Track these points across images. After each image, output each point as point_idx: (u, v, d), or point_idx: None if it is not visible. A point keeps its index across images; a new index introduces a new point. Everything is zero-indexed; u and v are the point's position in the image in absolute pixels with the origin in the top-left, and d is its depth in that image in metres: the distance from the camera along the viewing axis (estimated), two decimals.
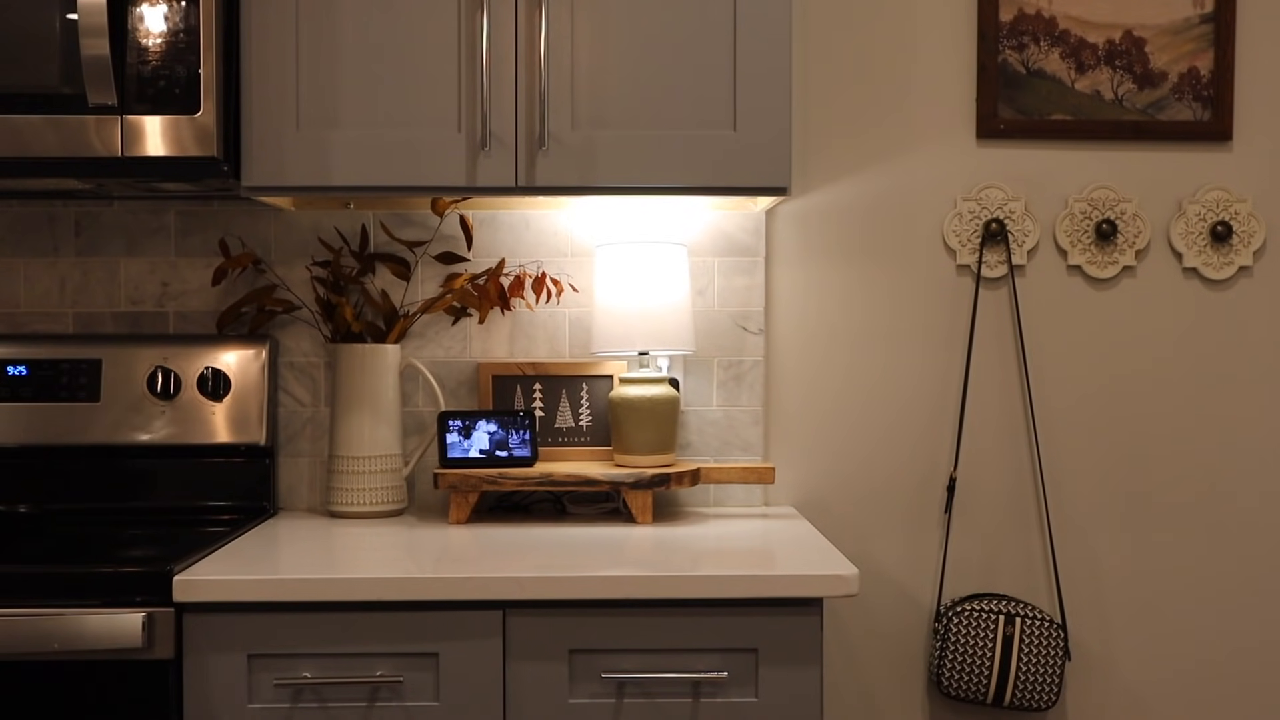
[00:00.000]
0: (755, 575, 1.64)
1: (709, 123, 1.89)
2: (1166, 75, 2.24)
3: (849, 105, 2.24)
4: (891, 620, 2.26)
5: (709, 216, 2.21)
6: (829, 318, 2.26)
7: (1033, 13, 2.22)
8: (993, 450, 2.26)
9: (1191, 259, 2.25)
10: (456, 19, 1.87)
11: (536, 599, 1.62)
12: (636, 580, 1.63)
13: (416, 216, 2.18)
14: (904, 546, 2.26)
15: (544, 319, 2.21)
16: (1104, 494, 2.27)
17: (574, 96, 1.88)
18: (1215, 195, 2.25)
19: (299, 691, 1.61)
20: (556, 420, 2.18)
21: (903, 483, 2.26)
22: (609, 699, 1.64)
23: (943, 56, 2.24)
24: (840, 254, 2.25)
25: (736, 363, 2.22)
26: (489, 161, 1.87)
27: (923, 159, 2.25)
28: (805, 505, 2.25)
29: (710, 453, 2.22)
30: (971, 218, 2.24)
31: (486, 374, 2.17)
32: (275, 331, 2.18)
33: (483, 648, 1.63)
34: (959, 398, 2.25)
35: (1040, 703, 2.13)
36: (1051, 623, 2.14)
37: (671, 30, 1.88)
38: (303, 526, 2.01)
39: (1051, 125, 2.24)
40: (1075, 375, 2.26)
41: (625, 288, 2.05)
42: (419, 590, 1.61)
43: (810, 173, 2.24)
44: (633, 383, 2.06)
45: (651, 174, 1.88)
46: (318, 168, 1.86)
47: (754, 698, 1.64)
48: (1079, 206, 2.24)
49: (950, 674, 2.14)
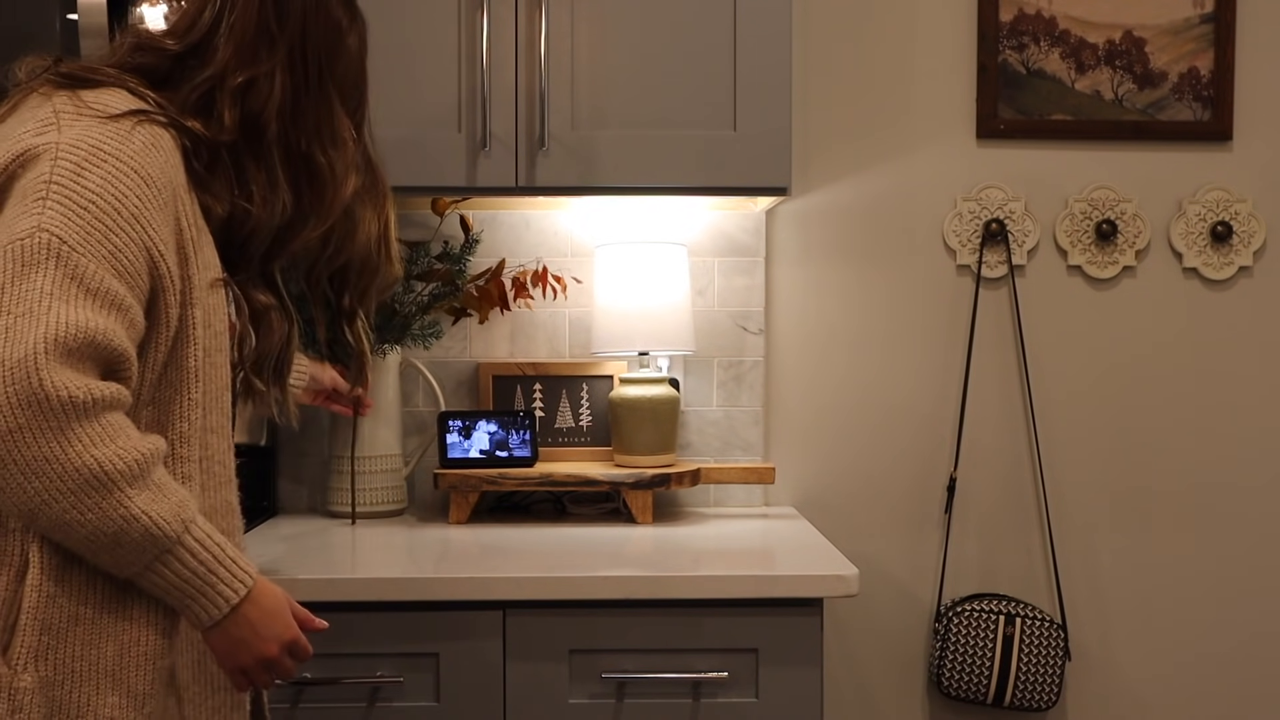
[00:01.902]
0: (755, 575, 1.64)
1: (709, 123, 1.89)
2: (1166, 75, 2.24)
3: (849, 105, 2.24)
4: (891, 620, 2.26)
5: (709, 216, 2.21)
6: (829, 318, 2.26)
7: (1033, 13, 2.22)
8: (993, 450, 2.26)
9: (1191, 259, 2.25)
10: (456, 19, 1.87)
11: (536, 599, 1.62)
12: (636, 580, 1.63)
13: (416, 216, 2.18)
14: (904, 546, 2.26)
15: (544, 319, 2.21)
16: (1104, 494, 2.27)
17: (574, 96, 1.88)
18: (1215, 195, 2.25)
19: (299, 691, 1.61)
20: (556, 420, 2.18)
21: (903, 483, 2.26)
22: (609, 699, 1.64)
23: (943, 57, 2.24)
24: (840, 254, 2.25)
25: (736, 363, 2.22)
26: (489, 161, 1.87)
27: (923, 159, 2.25)
28: (805, 505, 2.25)
29: (710, 453, 2.22)
30: (971, 218, 2.24)
31: (486, 374, 2.17)
32: None
33: (483, 648, 1.63)
34: (959, 398, 2.25)
35: (1040, 703, 2.12)
36: (1051, 623, 2.14)
37: (671, 30, 1.88)
38: (303, 527, 2.01)
39: (1051, 125, 2.24)
40: (1075, 375, 2.26)
41: (625, 288, 2.05)
42: (419, 590, 1.61)
43: (810, 173, 2.24)
44: (633, 383, 2.06)
45: (651, 174, 1.88)
46: None
47: (754, 698, 1.64)
48: (1079, 206, 2.24)
49: (950, 674, 2.14)
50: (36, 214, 1.07)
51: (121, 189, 1.11)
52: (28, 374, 1.01)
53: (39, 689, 1.09)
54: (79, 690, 1.11)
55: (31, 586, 1.10)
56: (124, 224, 1.11)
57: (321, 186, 1.29)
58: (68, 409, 1.03)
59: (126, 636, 1.14)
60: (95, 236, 1.08)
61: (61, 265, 1.06)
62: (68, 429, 1.03)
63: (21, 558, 1.11)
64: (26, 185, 1.10)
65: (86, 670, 1.12)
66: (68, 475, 1.03)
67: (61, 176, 1.09)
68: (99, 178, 1.10)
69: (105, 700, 1.12)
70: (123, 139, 1.13)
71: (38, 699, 1.09)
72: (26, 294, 1.04)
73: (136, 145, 1.14)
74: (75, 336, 1.04)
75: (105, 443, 1.05)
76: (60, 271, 1.06)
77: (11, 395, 1.01)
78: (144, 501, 1.07)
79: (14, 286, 1.04)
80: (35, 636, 1.10)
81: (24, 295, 1.04)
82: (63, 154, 1.11)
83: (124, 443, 1.07)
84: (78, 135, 1.12)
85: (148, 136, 1.15)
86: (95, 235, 1.08)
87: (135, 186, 1.12)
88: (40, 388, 1.01)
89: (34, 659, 1.10)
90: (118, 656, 1.13)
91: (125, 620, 1.14)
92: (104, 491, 1.05)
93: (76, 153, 1.11)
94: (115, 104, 1.17)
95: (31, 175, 1.10)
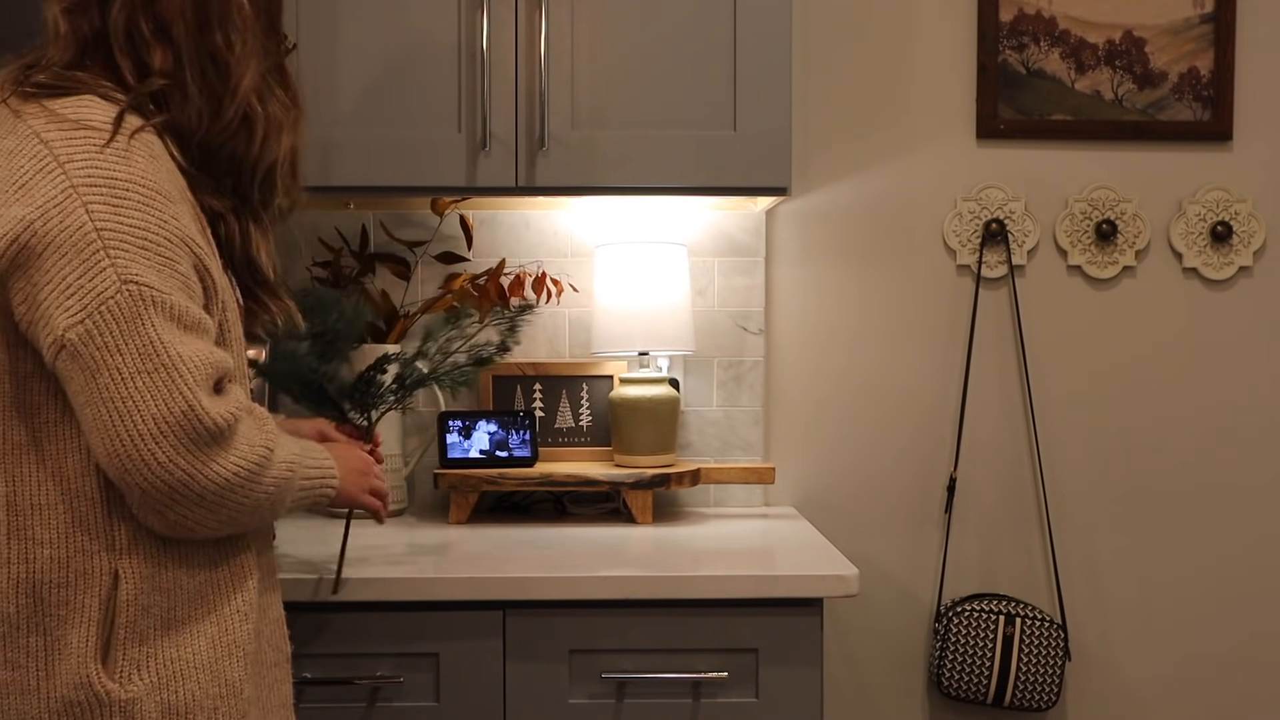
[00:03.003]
0: (755, 575, 1.64)
1: (709, 123, 1.89)
2: (1166, 75, 2.24)
3: (849, 105, 2.24)
4: (891, 620, 2.26)
5: (709, 216, 2.21)
6: (829, 318, 2.26)
7: (1033, 13, 2.22)
8: (993, 450, 2.26)
9: (1191, 259, 2.25)
10: (456, 19, 1.87)
11: (536, 599, 1.62)
12: (636, 580, 1.63)
13: (416, 216, 2.18)
14: (904, 546, 2.26)
15: (544, 319, 2.21)
16: (1104, 494, 2.27)
17: (574, 96, 1.88)
18: (1215, 195, 2.25)
19: (299, 691, 1.61)
20: (556, 420, 2.18)
21: (903, 483, 2.26)
22: (609, 699, 1.64)
23: (943, 57, 2.24)
24: (840, 254, 2.25)
25: (736, 363, 2.22)
26: (489, 162, 1.87)
27: (923, 159, 2.25)
28: (805, 505, 2.25)
29: (710, 453, 2.22)
30: (971, 218, 2.24)
31: (486, 374, 2.17)
32: None
33: (483, 648, 1.63)
34: (959, 398, 2.25)
35: (1040, 703, 2.12)
36: (1051, 623, 2.14)
37: (671, 30, 1.88)
38: (303, 527, 2.01)
39: (1051, 125, 2.24)
40: (1075, 375, 2.26)
41: (625, 288, 2.05)
42: (419, 590, 1.61)
43: (810, 173, 2.24)
44: (633, 383, 2.06)
45: (651, 174, 1.88)
46: (318, 168, 1.85)
47: (754, 698, 1.64)
48: (1079, 206, 2.24)
49: (950, 674, 2.14)
50: (107, 266, 1.09)
51: (159, 215, 1.13)
52: (199, 418, 1.11)
53: (147, 695, 1.15)
54: (184, 689, 1.16)
55: (125, 602, 1.15)
56: (178, 249, 1.14)
57: (226, 72, 1.24)
58: (233, 430, 1.14)
59: (215, 630, 1.20)
60: (166, 271, 1.13)
61: (160, 311, 1.11)
62: (236, 443, 1.15)
63: (110, 574, 1.15)
64: (66, 238, 1.09)
65: (186, 669, 1.17)
66: (254, 473, 1.17)
67: (104, 222, 1.10)
68: (137, 211, 1.12)
69: (208, 693, 1.18)
70: (128, 161, 1.13)
71: (148, 705, 1.15)
72: (146, 350, 1.10)
73: (141, 163, 1.14)
74: (208, 372, 1.13)
75: (255, 432, 1.18)
76: (161, 317, 1.11)
77: (190, 442, 1.11)
78: (282, 451, 1.22)
79: (129, 345, 1.09)
80: (136, 648, 1.15)
81: (146, 352, 1.10)
82: (87, 197, 1.10)
83: (260, 420, 1.20)
84: (87, 172, 1.11)
85: (143, 149, 1.15)
86: (166, 270, 1.13)
87: (165, 207, 1.14)
88: (213, 425, 1.12)
89: (136, 669, 1.15)
90: (211, 650, 1.19)
91: (212, 615, 1.20)
92: (271, 464, 1.19)
93: (98, 191, 1.11)
94: (91, 115, 1.14)
95: (66, 225, 1.09)
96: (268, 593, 1.30)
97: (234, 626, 1.21)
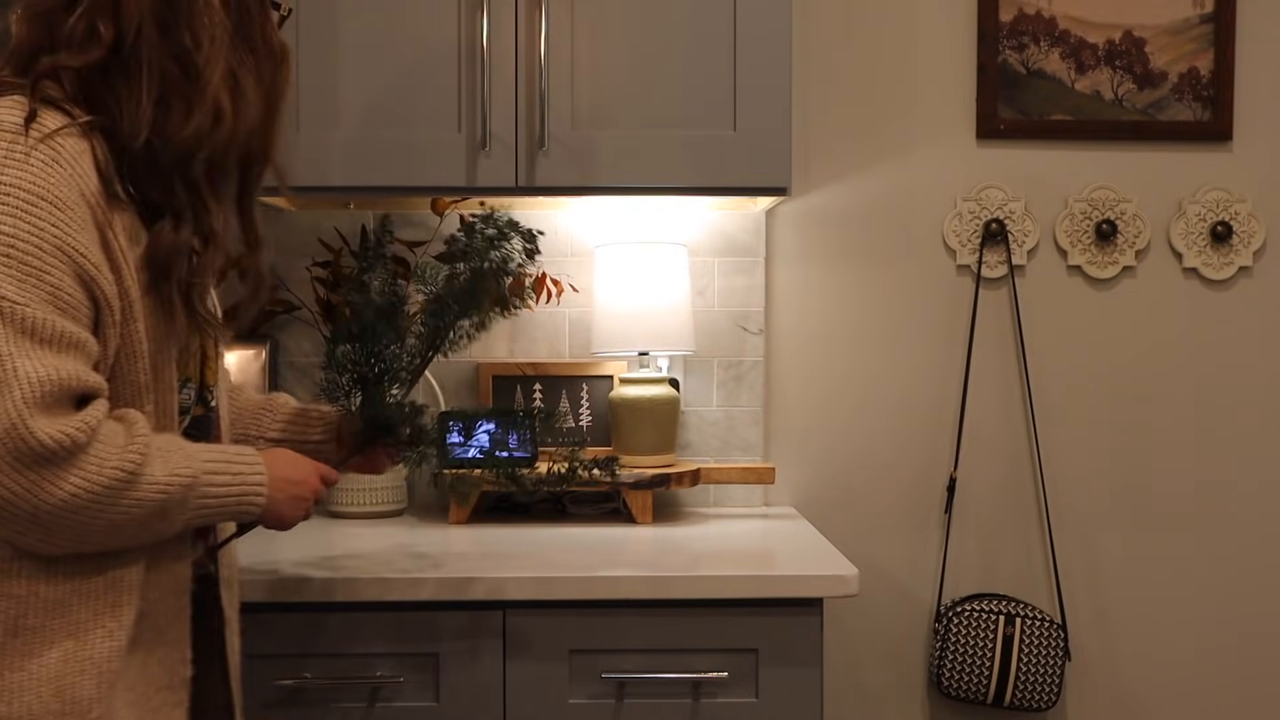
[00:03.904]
0: (755, 576, 1.64)
1: (709, 123, 1.89)
2: (1166, 75, 2.24)
3: (849, 105, 2.24)
4: (891, 620, 2.26)
5: (709, 216, 2.21)
6: (829, 318, 2.26)
7: (1033, 13, 2.22)
8: (993, 450, 2.26)
9: (1191, 259, 2.25)
10: (456, 19, 1.87)
11: (536, 599, 1.62)
12: (636, 580, 1.63)
13: (416, 216, 2.18)
14: (904, 546, 2.26)
15: (544, 319, 2.21)
16: (1104, 494, 2.26)
17: (574, 96, 1.88)
18: (1215, 195, 2.25)
19: (299, 691, 1.61)
20: (556, 420, 2.18)
21: (903, 483, 2.26)
22: (609, 699, 1.64)
23: (943, 57, 2.24)
24: (840, 254, 2.25)
25: (736, 363, 2.22)
26: (489, 161, 1.87)
27: (923, 159, 2.25)
28: (805, 505, 2.25)
29: (710, 453, 2.22)
30: (971, 218, 2.24)
31: (486, 374, 2.17)
32: (275, 332, 2.18)
33: (483, 648, 1.63)
34: (959, 398, 2.25)
35: (1040, 703, 2.12)
36: (1051, 623, 2.14)
37: (671, 30, 1.88)
38: (302, 526, 2.01)
39: (1051, 125, 2.24)
40: (1075, 375, 2.26)
41: (625, 288, 2.05)
42: (419, 590, 1.61)
43: (810, 173, 2.24)
44: (633, 383, 2.06)
45: (651, 174, 1.88)
46: (318, 168, 1.86)
47: (754, 698, 1.64)
48: (1079, 206, 2.24)
49: (950, 674, 2.14)
50: None
51: (35, 222, 1.08)
52: (23, 439, 1.04)
53: None
54: (20, 700, 1.11)
55: None
56: (51, 258, 1.08)
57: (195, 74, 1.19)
58: (69, 450, 1.06)
59: (71, 643, 1.13)
60: (30, 282, 1.07)
61: (9, 323, 1.06)
62: (80, 464, 1.07)
63: None
64: None
65: (27, 681, 1.11)
66: (101, 496, 1.09)
67: None
68: (10, 217, 1.07)
69: (48, 708, 1.11)
70: (22, 165, 1.08)
71: None
72: None
73: (35, 168, 1.09)
74: (47, 390, 1.06)
75: (112, 452, 1.10)
76: (10, 329, 1.06)
77: (15, 461, 1.04)
78: (161, 468, 1.13)
79: None
80: None
81: None
82: None
83: (124, 439, 1.11)
84: None
85: (45, 154, 1.10)
86: (29, 280, 1.07)
87: (49, 214, 1.08)
88: (39, 446, 1.04)
89: None
90: (60, 664, 1.13)
91: (70, 628, 1.14)
92: (134, 484, 1.11)
93: None
94: (5, 117, 1.11)
95: None
96: (167, 611, 1.23)
97: (94, 642, 1.14)
